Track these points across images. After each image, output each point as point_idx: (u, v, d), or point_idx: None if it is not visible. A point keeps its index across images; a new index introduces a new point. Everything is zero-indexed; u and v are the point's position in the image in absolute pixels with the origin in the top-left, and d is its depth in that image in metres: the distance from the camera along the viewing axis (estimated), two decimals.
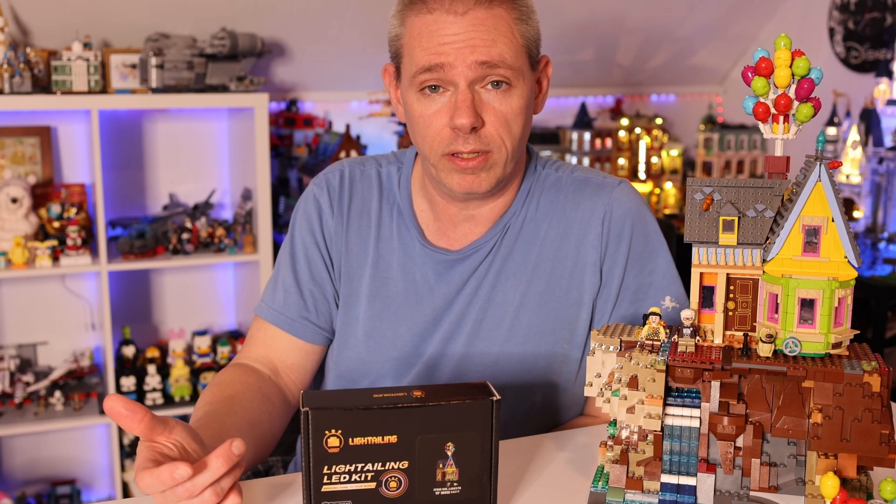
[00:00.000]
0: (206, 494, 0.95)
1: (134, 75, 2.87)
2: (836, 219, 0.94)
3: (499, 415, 0.98)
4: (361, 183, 1.45)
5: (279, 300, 1.44)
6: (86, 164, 3.06)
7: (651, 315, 1.02)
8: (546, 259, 1.39)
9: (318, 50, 3.31)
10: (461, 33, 1.23)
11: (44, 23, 2.88)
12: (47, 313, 3.10)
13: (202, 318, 3.32)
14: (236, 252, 2.99)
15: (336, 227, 1.43)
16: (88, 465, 3.19)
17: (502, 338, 1.38)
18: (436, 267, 1.40)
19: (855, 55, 3.71)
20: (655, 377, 0.97)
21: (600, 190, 1.41)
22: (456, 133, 1.26)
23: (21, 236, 2.76)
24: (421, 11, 1.26)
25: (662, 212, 4.00)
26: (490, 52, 1.23)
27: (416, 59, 1.26)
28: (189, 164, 3.24)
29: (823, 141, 0.94)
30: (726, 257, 0.98)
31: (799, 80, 0.96)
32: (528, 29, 1.29)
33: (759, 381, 0.96)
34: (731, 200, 0.98)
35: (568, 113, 3.97)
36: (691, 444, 0.98)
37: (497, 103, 1.27)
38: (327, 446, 0.94)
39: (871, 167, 3.35)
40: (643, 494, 0.98)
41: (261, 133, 2.92)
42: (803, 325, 0.94)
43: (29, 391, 2.91)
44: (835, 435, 0.91)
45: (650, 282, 1.39)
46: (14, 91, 2.67)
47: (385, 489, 0.97)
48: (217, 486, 0.96)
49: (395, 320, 1.41)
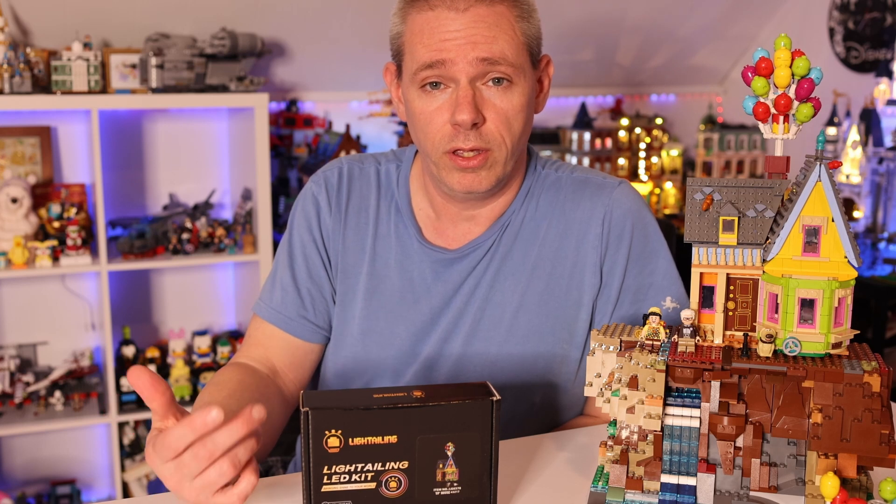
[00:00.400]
0: (223, 464, 0.94)
1: (134, 75, 2.87)
2: (836, 219, 0.94)
3: (499, 415, 0.98)
4: (360, 180, 1.45)
5: (277, 299, 1.44)
6: (86, 164, 3.06)
7: (651, 315, 1.02)
8: (545, 259, 1.38)
9: (318, 50, 3.31)
10: (462, 30, 1.23)
11: (44, 23, 2.87)
12: (47, 313, 3.10)
13: (202, 318, 3.32)
14: (236, 252, 2.99)
15: (334, 224, 1.43)
16: (88, 465, 3.19)
17: (501, 338, 1.38)
18: (433, 266, 1.40)
19: (855, 55, 3.71)
20: (655, 377, 0.97)
21: (600, 190, 1.40)
22: (457, 130, 1.26)
23: (21, 236, 2.76)
24: (422, 8, 1.26)
25: (662, 212, 4.00)
26: (491, 48, 1.24)
27: (418, 56, 1.26)
28: (189, 164, 3.24)
29: (823, 141, 0.94)
30: (726, 257, 0.98)
31: (799, 80, 0.96)
32: (530, 27, 1.29)
33: (759, 381, 0.96)
34: (731, 200, 0.98)
35: (568, 113, 3.97)
36: (691, 444, 0.98)
37: (498, 100, 1.27)
38: (327, 446, 0.94)
39: (871, 167, 3.35)
40: (643, 494, 0.98)
41: (261, 133, 2.92)
42: (803, 325, 0.94)
43: (29, 391, 2.91)
44: (835, 435, 0.91)
45: (650, 282, 1.39)
46: (14, 91, 2.67)
47: (385, 489, 0.97)
48: (234, 456, 0.95)
49: (391, 319, 1.40)
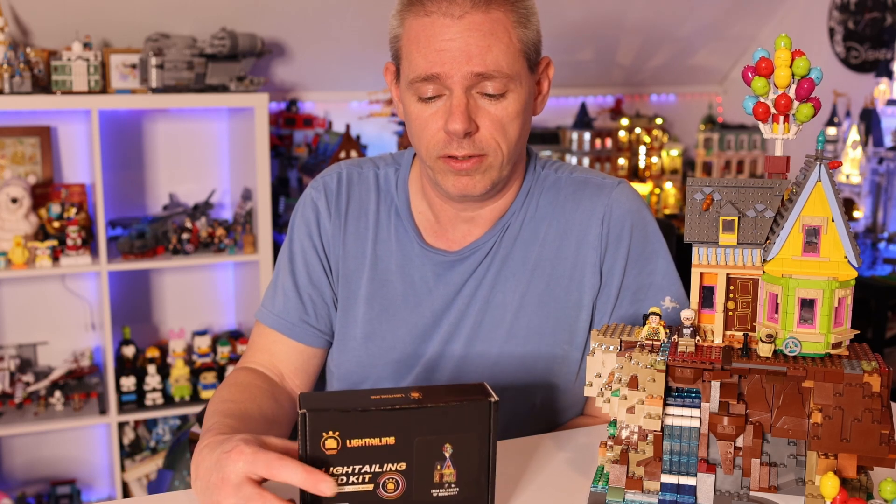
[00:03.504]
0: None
1: (134, 75, 2.87)
2: (836, 219, 0.93)
3: (497, 416, 0.97)
4: (359, 185, 1.45)
5: (279, 305, 1.44)
6: (86, 164, 3.06)
7: (651, 315, 1.02)
8: (546, 260, 1.38)
9: (318, 50, 3.30)
10: (457, 38, 1.22)
11: (44, 23, 2.87)
12: (47, 313, 3.09)
13: (202, 318, 3.32)
14: (236, 252, 2.99)
15: (333, 229, 1.43)
16: (88, 465, 3.19)
17: (502, 339, 1.38)
18: (434, 268, 1.39)
19: (855, 55, 3.71)
20: (655, 377, 0.97)
21: (600, 190, 1.40)
22: (450, 137, 1.26)
23: (21, 236, 2.76)
24: (419, 13, 1.25)
25: (662, 212, 4.00)
26: (485, 60, 1.22)
27: (413, 66, 1.26)
28: (189, 164, 3.24)
29: (823, 141, 0.94)
30: (726, 257, 0.98)
31: (799, 80, 0.96)
32: (527, 32, 1.28)
33: (759, 381, 0.96)
34: (731, 200, 0.98)
35: (568, 113, 3.97)
36: (691, 444, 0.98)
37: (492, 108, 1.26)
38: (325, 448, 0.94)
39: (871, 167, 3.35)
40: (643, 494, 0.98)
41: (261, 133, 2.92)
42: (803, 325, 0.94)
43: (29, 391, 2.91)
44: (835, 435, 0.91)
45: (650, 282, 1.39)
46: (14, 91, 2.67)
47: (383, 491, 0.96)
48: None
49: (393, 322, 1.40)
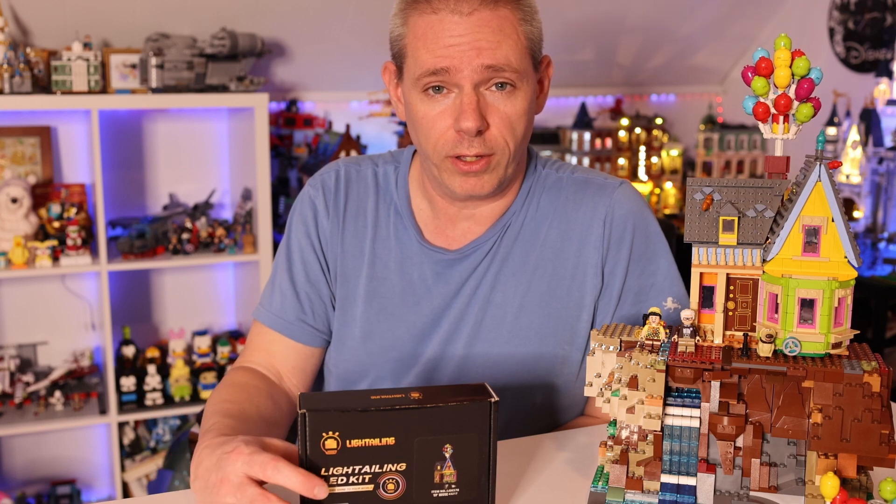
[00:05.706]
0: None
1: (134, 75, 2.87)
2: (836, 219, 0.93)
3: (497, 416, 0.97)
4: (357, 183, 1.45)
5: (276, 304, 1.43)
6: (86, 164, 3.06)
7: (651, 315, 1.02)
8: (547, 260, 1.38)
9: (318, 50, 3.30)
10: (466, 34, 1.22)
11: (44, 23, 2.87)
12: (47, 313, 3.09)
13: (202, 318, 3.32)
14: (236, 252, 2.99)
15: (331, 228, 1.43)
16: (88, 465, 3.19)
17: (503, 339, 1.37)
18: (434, 266, 1.39)
19: (855, 55, 3.71)
20: (655, 377, 0.97)
21: (601, 191, 1.40)
22: (461, 136, 1.26)
23: (21, 236, 2.76)
24: (425, 11, 1.25)
25: (662, 212, 4.00)
26: (495, 54, 1.23)
27: (421, 62, 1.25)
28: (189, 164, 3.24)
29: (823, 141, 0.94)
30: (726, 257, 0.98)
31: (799, 80, 0.96)
32: (532, 30, 1.28)
33: (759, 381, 0.96)
34: (731, 200, 0.98)
35: (568, 113, 3.97)
36: (691, 444, 0.98)
37: (502, 105, 1.26)
38: (325, 448, 0.94)
39: (871, 167, 3.35)
40: (643, 494, 0.98)
41: (261, 133, 2.92)
42: (803, 325, 0.94)
43: (29, 391, 2.91)
44: (835, 435, 0.91)
45: (652, 283, 1.39)
46: (14, 91, 2.67)
47: (383, 491, 0.96)
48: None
49: (392, 321, 1.40)
